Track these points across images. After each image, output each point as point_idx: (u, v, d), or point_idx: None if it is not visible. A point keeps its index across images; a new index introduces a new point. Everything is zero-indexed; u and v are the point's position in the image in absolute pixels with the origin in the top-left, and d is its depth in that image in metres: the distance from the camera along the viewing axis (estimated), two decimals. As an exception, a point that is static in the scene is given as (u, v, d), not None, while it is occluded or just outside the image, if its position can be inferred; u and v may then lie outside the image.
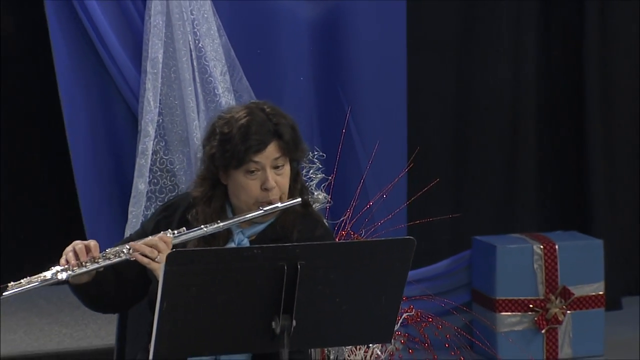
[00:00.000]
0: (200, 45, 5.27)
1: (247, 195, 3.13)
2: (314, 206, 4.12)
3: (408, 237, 2.84)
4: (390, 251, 2.86)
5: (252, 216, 3.13)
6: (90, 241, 3.07)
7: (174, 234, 3.10)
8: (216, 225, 3.11)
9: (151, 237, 3.09)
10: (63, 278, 3.02)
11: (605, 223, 6.25)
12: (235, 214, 3.17)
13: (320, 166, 4.29)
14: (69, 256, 3.04)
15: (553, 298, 5.56)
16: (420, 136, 5.80)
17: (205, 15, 5.27)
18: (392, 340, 3.42)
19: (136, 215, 5.17)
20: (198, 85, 5.26)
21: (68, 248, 3.06)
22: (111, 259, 3.07)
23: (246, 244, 3.16)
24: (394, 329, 2.94)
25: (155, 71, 5.21)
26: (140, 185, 5.22)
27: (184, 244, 3.11)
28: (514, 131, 6.24)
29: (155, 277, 3.07)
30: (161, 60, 5.23)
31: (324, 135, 5.51)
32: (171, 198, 3.39)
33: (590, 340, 5.63)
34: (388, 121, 5.68)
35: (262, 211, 3.12)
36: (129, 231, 5.14)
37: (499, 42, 6.18)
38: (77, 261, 3.04)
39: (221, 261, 2.76)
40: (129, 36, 5.27)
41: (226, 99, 5.22)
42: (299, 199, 3.17)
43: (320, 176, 4.26)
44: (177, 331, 2.75)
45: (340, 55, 5.66)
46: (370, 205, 4.63)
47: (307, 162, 4.28)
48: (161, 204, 3.47)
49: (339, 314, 2.83)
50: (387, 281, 2.85)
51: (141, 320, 3.28)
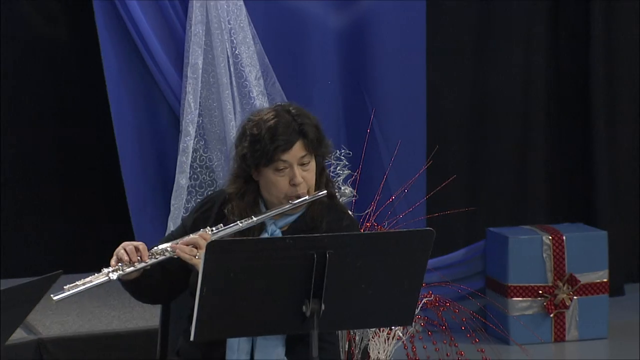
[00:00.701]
0: (236, 52, 5.28)
1: (277, 190, 3.13)
2: (341, 200, 4.14)
3: (428, 228, 2.84)
4: (411, 241, 2.86)
5: (282, 210, 3.13)
6: (139, 243, 3.08)
7: (212, 230, 3.11)
8: (250, 220, 3.12)
9: (192, 235, 3.10)
10: (114, 278, 3.04)
11: (609, 216, 6.22)
12: (267, 207, 3.17)
13: (347, 163, 4.29)
14: (121, 254, 3.06)
15: (561, 285, 5.55)
16: (438, 136, 5.79)
17: (242, 25, 5.28)
18: (413, 323, 3.41)
19: (178, 207, 5.19)
20: (234, 88, 5.27)
21: (119, 248, 3.07)
22: (157, 258, 3.08)
23: (278, 234, 3.16)
24: (414, 312, 2.94)
25: (195, 76, 5.23)
26: (182, 180, 5.23)
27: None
28: (524, 131, 6.22)
29: (196, 268, 3.08)
30: (201, 66, 5.24)
31: (350, 135, 5.52)
32: (207, 195, 3.39)
33: (595, 323, 5.61)
34: (408, 122, 5.68)
35: (291, 205, 3.12)
36: (171, 222, 5.16)
37: (510, 50, 6.16)
38: (127, 261, 3.05)
39: (256, 250, 2.77)
40: (171, 44, 5.28)
41: (260, 102, 5.23)
42: (325, 191, 3.17)
43: (346, 172, 4.26)
44: (215, 315, 2.76)
45: (365, 62, 5.66)
46: (392, 199, 4.63)
47: (335, 159, 4.28)
48: (198, 201, 3.47)
49: (364, 298, 2.83)
50: (409, 269, 2.85)
51: (182, 305, 3.28)
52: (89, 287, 3.01)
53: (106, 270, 3.04)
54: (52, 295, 2.97)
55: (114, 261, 3.06)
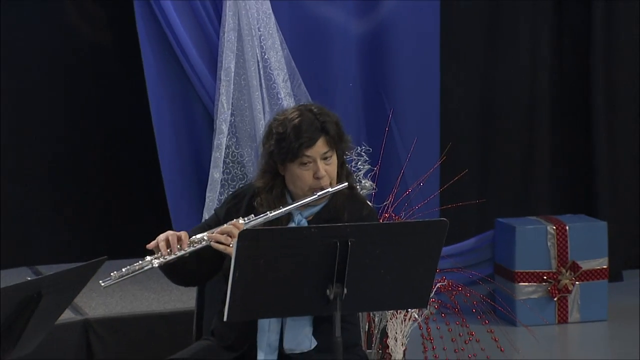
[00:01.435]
0: (266, 56, 5.28)
1: (302, 183, 3.13)
2: (362, 192, 4.13)
3: (442, 218, 2.84)
4: (426, 231, 2.86)
5: (307, 201, 3.13)
6: (181, 232, 3.08)
7: (244, 220, 3.12)
8: (279, 211, 3.11)
9: (226, 225, 3.10)
10: (156, 265, 3.04)
11: (609, 207, 6.20)
12: (293, 199, 3.17)
13: (367, 159, 4.29)
14: (162, 245, 3.06)
15: (564, 271, 5.54)
16: (451, 133, 5.79)
17: (270, 32, 5.28)
18: (428, 306, 3.40)
19: (212, 199, 5.21)
20: (264, 90, 5.27)
21: (161, 237, 3.06)
22: (195, 247, 3.07)
23: (304, 223, 3.16)
24: (429, 296, 2.94)
25: (228, 79, 5.24)
26: (216, 174, 5.25)
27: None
28: (530, 129, 6.21)
29: (229, 255, 3.09)
30: (233, 70, 5.25)
31: (369, 133, 5.52)
32: (238, 188, 3.40)
33: (595, 307, 5.59)
34: (423, 121, 5.68)
35: (316, 196, 3.12)
36: (206, 213, 5.17)
37: (517, 53, 6.14)
38: (167, 250, 3.05)
39: (284, 239, 2.78)
40: (206, 49, 5.30)
41: (287, 102, 5.24)
42: (346, 184, 3.16)
43: (367, 167, 4.26)
44: (246, 297, 2.76)
45: (383, 65, 5.66)
46: (409, 192, 4.63)
47: (356, 154, 4.28)
48: (230, 193, 3.47)
49: (383, 283, 2.83)
50: (424, 256, 2.85)
51: (216, 288, 3.29)
52: (133, 274, 3.02)
53: (149, 258, 3.05)
54: (100, 281, 2.98)
55: (156, 248, 3.06)
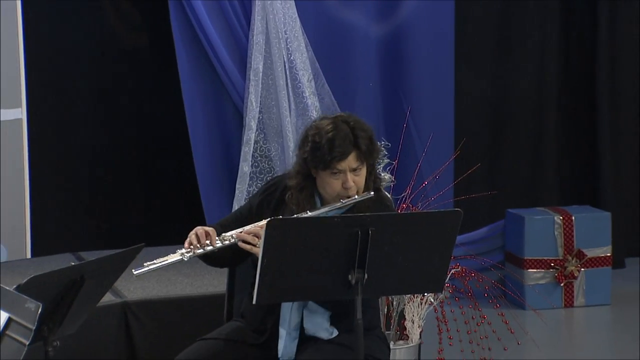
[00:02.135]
0: (291, 58, 5.28)
1: (331, 190, 3.11)
2: (381, 184, 4.12)
3: (456, 209, 2.83)
4: (442, 220, 2.85)
5: (333, 208, 3.10)
6: (210, 228, 3.08)
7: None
8: (305, 216, 3.08)
9: (253, 225, 3.08)
10: (186, 259, 3.05)
11: (612, 199, 6.17)
12: (321, 201, 3.15)
13: (386, 153, 4.28)
14: (192, 239, 3.06)
15: (570, 258, 5.52)
16: (464, 130, 5.77)
17: (296, 35, 5.28)
18: (443, 290, 3.40)
19: (241, 191, 5.22)
20: (290, 89, 5.28)
21: (192, 232, 3.07)
22: (222, 244, 3.07)
23: None
24: (444, 281, 2.93)
25: (256, 79, 5.24)
26: (245, 168, 5.25)
27: None
28: (538, 126, 6.18)
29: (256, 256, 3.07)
30: (261, 70, 5.25)
31: (388, 129, 5.51)
32: (272, 179, 3.39)
33: (599, 292, 5.57)
34: (439, 118, 5.67)
35: (341, 203, 3.09)
36: (236, 204, 5.18)
37: (526, 54, 6.12)
38: (198, 244, 3.05)
39: (310, 228, 2.78)
40: (236, 52, 5.30)
41: (311, 101, 5.24)
42: (372, 193, 3.13)
43: (386, 161, 4.25)
44: (274, 281, 2.77)
45: (401, 66, 5.65)
46: (425, 185, 4.62)
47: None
48: (264, 183, 3.46)
49: (401, 269, 2.83)
50: (439, 244, 2.85)
51: (246, 273, 3.29)
52: (164, 265, 3.03)
53: (180, 252, 3.05)
54: (133, 270, 2.99)
55: (187, 243, 3.06)
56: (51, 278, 2.48)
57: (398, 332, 4.15)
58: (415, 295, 4.09)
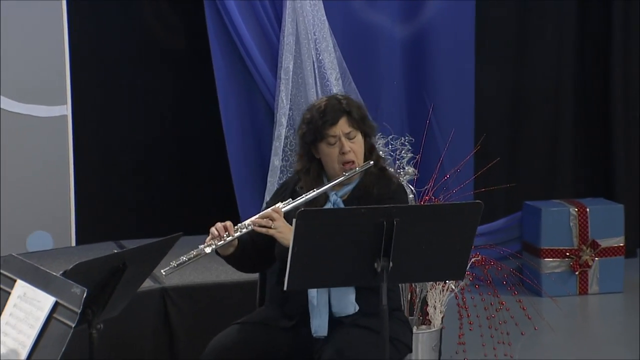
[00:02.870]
0: (320, 58, 5.28)
1: (331, 160, 3.12)
2: (405, 177, 4.11)
3: (477, 201, 2.82)
4: (463, 212, 2.84)
5: (338, 181, 3.11)
6: (226, 222, 3.08)
7: (282, 204, 3.10)
8: (313, 193, 3.10)
9: (265, 210, 3.10)
10: (208, 252, 3.04)
11: (625, 192, 6.13)
12: (329, 180, 3.15)
13: (410, 148, 4.27)
14: (213, 233, 3.07)
15: (584, 248, 5.49)
16: (484, 126, 5.75)
17: (324, 36, 5.28)
18: (464, 278, 3.38)
19: (272, 183, 5.22)
20: (318, 87, 5.27)
21: (211, 228, 3.07)
22: (241, 232, 3.07)
23: (339, 202, 3.15)
24: (465, 269, 2.92)
25: (287, 77, 5.25)
26: (276, 161, 5.26)
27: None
28: (555, 122, 6.15)
29: (274, 237, 3.07)
30: (291, 69, 5.25)
31: (411, 125, 5.50)
32: (284, 181, 3.40)
33: (612, 280, 5.55)
34: (459, 115, 5.66)
35: (345, 176, 3.10)
36: (267, 195, 5.19)
37: (543, 53, 6.08)
38: (217, 236, 3.06)
39: (337, 218, 2.77)
40: (268, 52, 5.31)
41: (339, 98, 5.23)
42: (371, 162, 3.14)
43: (410, 155, 4.24)
44: (304, 269, 2.76)
45: (424, 66, 5.64)
46: (446, 178, 4.60)
47: (400, 144, 4.26)
48: (278, 186, 3.47)
49: (424, 257, 2.82)
50: (461, 234, 2.83)
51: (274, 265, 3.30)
52: (189, 262, 3.03)
53: (201, 247, 3.06)
54: (162, 271, 3.00)
55: (208, 239, 3.07)
56: (95, 264, 2.50)
57: (421, 318, 4.14)
58: (438, 283, 4.08)
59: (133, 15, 5.42)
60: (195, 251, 3.04)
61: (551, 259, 5.50)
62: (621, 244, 5.56)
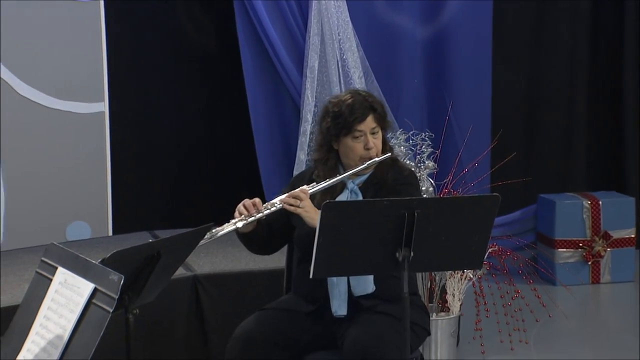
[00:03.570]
0: (344, 57, 5.27)
1: (354, 154, 3.12)
2: (425, 171, 4.10)
3: (495, 194, 2.81)
4: (481, 204, 2.82)
5: (358, 169, 3.12)
6: (255, 198, 3.09)
7: (308, 187, 3.11)
8: (335, 179, 3.11)
9: (294, 190, 3.10)
10: (239, 226, 3.05)
11: (637, 185, 6.09)
12: (345, 170, 3.16)
13: (430, 143, 4.26)
14: (241, 209, 3.07)
15: (597, 239, 5.46)
16: (500, 122, 5.72)
17: (348, 36, 5.27)
18: (481, 267, 3.37)
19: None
20: (342, 85, 5.27)
21: (240, 205, 3.08)
22: (270, 209, 3.08)
23: (356, 189, 3.15)
24: (483, 259, 2.91)
25: (312, 76, 5.24)
26: (301, 156, 5.26)
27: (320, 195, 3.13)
28: (569, 118, 6.11)
29: (300, 225, 3.09)
30: (317, 68, 5.25)
31: (431, 122, 5.48)
32: (300, 172, 3.40)
33: (624, 270, 5.52)
34: (477, 112, 5.64)
35: (365, 164, 3.11)
36: (293, 188, 5.19)
37: (558, 51, 6.04)
38: (247, 213, 3.06)
39: (361, 210, 2.77)
40: (294, 52, 5.31)
41: (362, 96, 5.22)
42: (389, 154, 3.15)
43: (430, 150, 4.23)
44: (329, 258, 2.75)
45: (443, 65, 5.62)
46: (465, 172, 4.58)
47: (421, 139, 4.25)
48: (294, 176, 3.47)
49: (443, 247, 2.81)
50: (479, 225, 2.82)
51: (300, 252, 3.30)
52: (222, 234, 3.03)
53: (233, 221, 3.06)
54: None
55: (237, 213, 3.07)
56: (131, 253, 2.50)
57: (440, 305, 4.13)
58: (456, 272, 4.07)
59: (166, 17, 5.43)
60: (227, 225, 3.04)
61: (565, 250, 5.47)
62: (632, 236, 5.52)
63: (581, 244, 5.47)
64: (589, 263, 5.47)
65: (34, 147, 4.92)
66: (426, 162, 4.16)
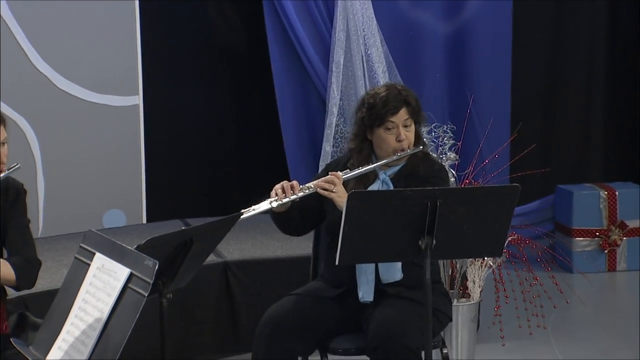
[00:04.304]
0: (368, 52, 5.26)
1: (386, 145, 3.12)
2: (447, 162, 4.09)
3: (515, 184, 2.80)
4: (502, 194, 2.81)
5: (389, 160, 3.12)
6: (293, 181, 3.10)
7: (342, 173, 3.11)
8: (368, 167, 3.11)
9: (328, 175, 3.10)
10: (274, 206, 3.05)
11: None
12: (377, 160, 3.16)
13: (452, 135, 4.24)
14: (279, 191, 3.08)
15: (613, 228, 5.43)
16: (520, 114, 5.68)
17: (373, 32, 5.26)
18: (501, 255, 3.36)
19: (323, 167, 5.22)
20: (367, 80, 5.26)
21: (277, 185, 3.09)
22: (305, 192, 3.08)
23: (388, 180, 3.15)
24: (503, 247, 2.90)
25: (338, 70, 5.24)
26: (327, 147, 5.26)
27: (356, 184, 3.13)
28: (586, 111, 6.05)
29: (331, 210, 3.09)
30: (342, 63, 5.24)
31: (452, 114, 5.46)
32: (335, 158, 3.40)
33: (639, 258, 5.47)
34: (497, 105, 5.61)
35: (397, 156, 3.11)
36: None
37: (576, 47, 5.98)
38: (283, 194, 3.07)
39: (385, 199, 2.76)
40: (320, 47, 5.30)
41: (386, 90, 5.20)
42: (421, 147, 3.15)
43: (451, 142, 4.21)
44: (354, 245, 2.75)
45: (465, 60, 5.59)
46: (485, 163, 4.56)
47: (443, 132, 4.24)
48: (328, 162, 3.47)
49: (465, 235, 2.80)
50: (499, 214, 2.80)
51: (326, 241, 3.30)
52: (258, 212, 3.03)
53: (269, 200, 3.06)
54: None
55: (273, 194, 3.07)
56: (165, 240, 2.51)
57: (461, 291, 4.12)
58: (477, 259, 4.05)
59: (198, 14, 5.44)
60: (263, 204, 3.04)
61: (582, 239, 5.44)
62: (648, 225, 5.49)
63: (598, 233, 5.43)
64: (606, 251, 5.44)
65: (71, 138, 4.95)
66: (448, 154, 4.14)
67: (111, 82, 5.02)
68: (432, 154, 3.39)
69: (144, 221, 5.18)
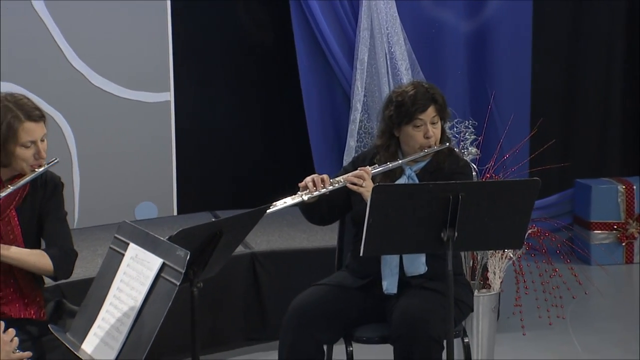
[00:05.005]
0: (392, 50, 5.25)
1: (414, 142, 3.11)
2: (468, 157, 4.07)
3: (535, 178, 2.78)
4: (522, 188, 2.79)
5: (416, 156, 3.12)
6: (324, 175, 3.10)
7: (370, 168, 3.11)
8: (395, 163, 3.11)
9: (357, 170, 3.10)
10: (305, 199, 3.05)
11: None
12: (404, 157, 3.15)
13: (473, 130, 4.22)
14: (309, 184, 3.08)
15: (631, 222, 5.39)
16: (539, 111, 5.65)
17: (396, 30, 5.24)
18: (522, 247, 3.34)
19: (347, 162, 5.21)
20: (390, 77, 5.25)
21: (308, 178, 3.08)
22: (335, 186, 3.08)
23: (414, 176, 3.14)
24: (523, 239, 2.88)
25: (362, 68, 5.23)
26: (351, 142, 5.26)
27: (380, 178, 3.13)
28: (605, 108, 6.01)
29: (358, 202, 3.09)
30: (366, 61, 5.23)
31: (474, 110, 5.44)
32: (362, 152, 3.39)
33: (656, 251, 5.45)
34: (518, 101, 5.59)
35: (423, 152, 3.10)
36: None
37: (595, 46, 5.93)
38: (314, 187, 3.07)
39: (409, 193, 2.76)
40: (346, 45, 5.30)
41: (409, 86, 5.19)
42: (447, 144, 3.15)
43: (473, 137, 4.19)
44: (378, 237, 2.75)
45: (486, 57, 5.57)
46: (506, 157, 4.54)
47: (464, 127, 4.21)
48: (355, 156, 3.46)
49: (486, 228, 2.78)
50: (519, 207, 2.79)
51: (351, 233, 3.29)
52: (291, 204, 3.03)
53: (300, 193, 3.07)
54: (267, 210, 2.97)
55: (303, 187, 3.07)
56: (196, 231, 2.52)
57: (482, 282, 4.10)
58: (497, 251, 4.03)
59: (227, 14, 5.45)
60: (294, 197, 3.05)
61: (600, 231, 5.40)
62: (665, 219, 5.44)
63: (616, 226, 5.39)
64: (623, 244, 5.40)
65: (105, 133, 4.98)
66: (469, 149, 4.12)
67: (143, 79, 5.04)
68: (467, 154, 3.37)
69: (175, 213, 5.20)
